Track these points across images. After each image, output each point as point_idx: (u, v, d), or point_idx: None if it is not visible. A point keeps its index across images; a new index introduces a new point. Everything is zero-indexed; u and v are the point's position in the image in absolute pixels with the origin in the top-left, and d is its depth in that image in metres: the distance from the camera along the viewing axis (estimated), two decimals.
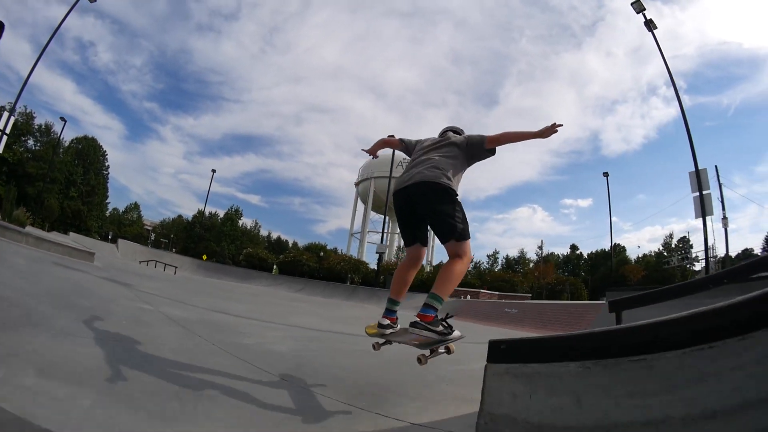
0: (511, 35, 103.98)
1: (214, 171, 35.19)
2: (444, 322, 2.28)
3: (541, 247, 51.79)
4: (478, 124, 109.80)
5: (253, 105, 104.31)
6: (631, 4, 14.35)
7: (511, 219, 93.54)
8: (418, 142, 3.06)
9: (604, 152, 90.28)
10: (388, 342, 2.57)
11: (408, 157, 2.99)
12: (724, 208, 23.05)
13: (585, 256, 55.24)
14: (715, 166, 23.49)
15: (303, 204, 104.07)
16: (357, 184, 52.39)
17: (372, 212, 49.91)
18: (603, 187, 25.43)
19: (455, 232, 2.40)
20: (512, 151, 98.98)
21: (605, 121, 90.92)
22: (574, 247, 56.79)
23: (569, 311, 10.45)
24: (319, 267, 24.82)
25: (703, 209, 11.21)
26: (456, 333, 2.31)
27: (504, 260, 52.24)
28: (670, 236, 47.73)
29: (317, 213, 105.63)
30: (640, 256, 48.73)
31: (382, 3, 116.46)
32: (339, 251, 46.06)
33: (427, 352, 2.21)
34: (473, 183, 42.32)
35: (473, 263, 50.11)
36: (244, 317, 5.54)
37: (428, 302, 2.29)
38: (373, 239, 49.65)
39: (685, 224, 79.08)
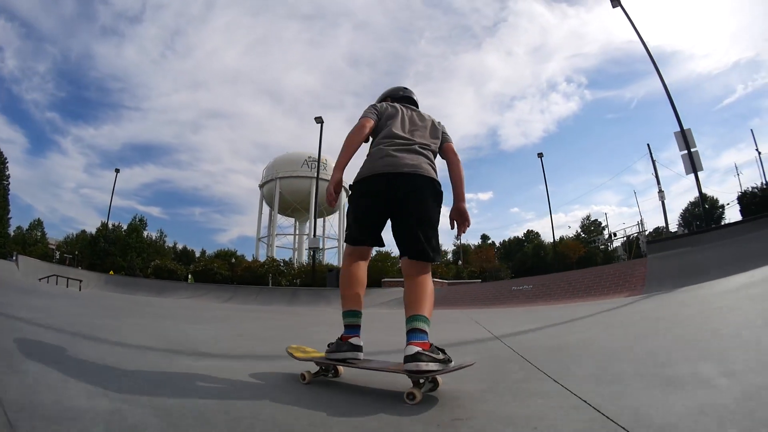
0: (411, 37, 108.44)
1: (117, 170, 30.17)
2: (439, 349, 1.82)
3: (458, 238, 53.14)
4: None
5: (152, 113, 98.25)
6: None
7: None
8: (392, 108, 2.38)
9: (503, 147, 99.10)
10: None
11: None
12: (659, 183, 24.89)
13: (497, 244, 58.29)
14: (647, 144, 25.35)
15: (203, 214, 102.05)
16: (261, 186, 49.08)
17: (279, 216, 47.49)
18: (503, 180, 26.41)
19: (435, 255, 2.06)
20: None
21: (504, 117, 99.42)
22: (485, 237, 60.20)
23: (610, 273, 9.48)
24: (232, 274, 22.22)
25: (693, 166, 11.40)
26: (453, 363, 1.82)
27: None
28: (587, 218, 52.80)
29: (218, 222, 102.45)
30: (559, 238, 52.20)
31: (285, 5, 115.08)
32: (252, 257, 43.10)
33: (416, 387, 1.67)
34: None
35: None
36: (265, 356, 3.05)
37: (420, 327, 1.83)
38: (281, 242, 47.85)
39: (588, 209, 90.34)
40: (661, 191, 23.79)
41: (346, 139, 2.20)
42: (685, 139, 11.76)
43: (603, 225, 51.48)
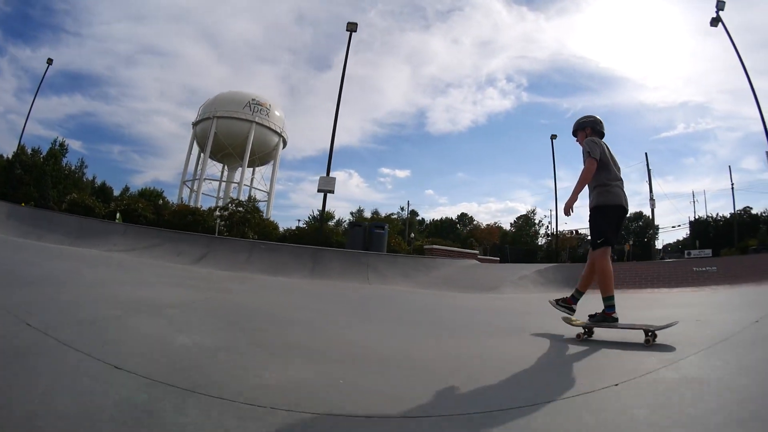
0: (363, 5, 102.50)
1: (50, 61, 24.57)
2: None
3: (404, 209, 53.85)
4: (305, 86, 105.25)
5: (90, 40, 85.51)
6: None
7: None
8: (607, 150, 3.35)
9: (429, 129, 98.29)
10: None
11: None
12: (651, 191, 25.35)
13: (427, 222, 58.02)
14: (645, 153, 25.33)
15: (122, 152, 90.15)
16: (195, 125, 41.74)
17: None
18: (423, 159, 24.61)
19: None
20: (330, 113, 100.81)
21: (435, 101, 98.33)
22: (414, 213, 58.47)
23: None
24: (158, 218, 16.97)
25: None
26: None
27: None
28: (533, 212, 53.21)
29: (135, 163, 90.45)
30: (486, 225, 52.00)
31: None
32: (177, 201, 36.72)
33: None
34: (292, 142, 40.74)
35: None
36: None
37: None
38: (205, 189, 41.41)
39: (503, 205, 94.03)
40: (652, 199, 24.56)
41: (582, 177, 3.26)
42: None
43: (539, 221, 52.89)
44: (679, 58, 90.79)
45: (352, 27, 14.92)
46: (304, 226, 27.40)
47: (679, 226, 48.53)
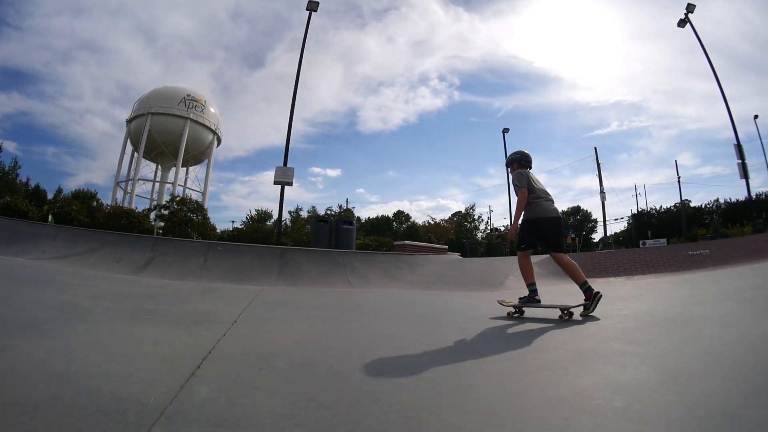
0: (299, 2, 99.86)
1: None
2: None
3: (342, 207, 50.77)
4: (238, 84, 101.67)
5: (30, 34, 76.65)
6: None
7: (257, 182, 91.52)
8: (531, 175, 4.31)
9: (360, 128, 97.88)
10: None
11: None
12: (602, 184, 26.34)
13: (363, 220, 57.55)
14: (594, 148, 26.26)
15: (56, 154, 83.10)
16: (129, 122, 39.07)
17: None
18: (354, 158, 24.52)
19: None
20: (262, 113, 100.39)
21: (367, 99, 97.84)
22: (349, 211, 57.78)
23: None
24: (92, 221, 15.18)
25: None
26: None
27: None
28: (472, 208, 54.17)
29: (69, 165, 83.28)
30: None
31: None
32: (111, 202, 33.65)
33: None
34: (223, 142, 39.09)
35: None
36: None
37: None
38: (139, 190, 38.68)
39: (434, 202, 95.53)
40: (602, 192, 25.61)
41: (518, 205, 4.14)
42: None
43: (479, 216, 54.46)
44: (612, 60, 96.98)
45: (312, 6, 13.81)
46: (242, 226, 25.71)
47: (622, 218, 52.34)
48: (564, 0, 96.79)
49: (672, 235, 30.91)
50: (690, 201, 41.59)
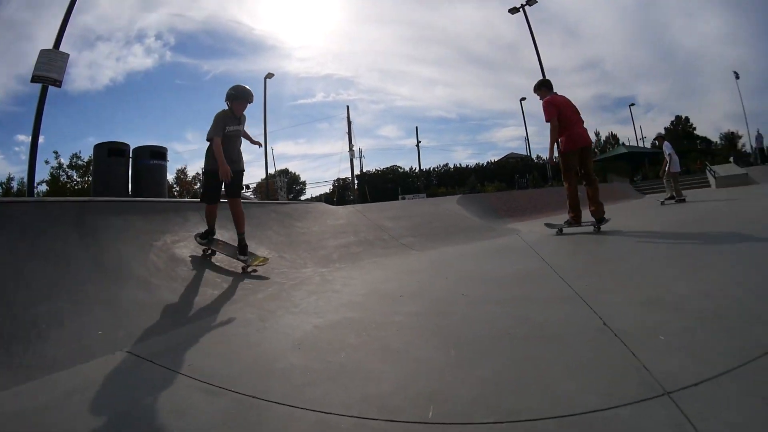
0: None
1: None
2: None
3: None
4: None
5: None
6: None
7: None
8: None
9: (68, 87, 79.47)
10: None
11: None
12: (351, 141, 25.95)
13: None
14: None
15: None
16: None
17: None
18: (57, 122, 20.07)
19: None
20: None
21: (81, 54, 77.72)
22: None
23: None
24: None
25: None
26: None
27: None
28: None
29: None
30: None
31: None
32: None
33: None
34: None
35: None
36: None
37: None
38: None
39: None
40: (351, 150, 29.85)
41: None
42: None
43: None
44: (333, 39, 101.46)
45: None
46: None
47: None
48: None
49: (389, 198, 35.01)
50: (401, 167, 46.57)
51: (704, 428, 1.02)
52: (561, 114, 4.83)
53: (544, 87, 5.17)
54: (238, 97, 3.70)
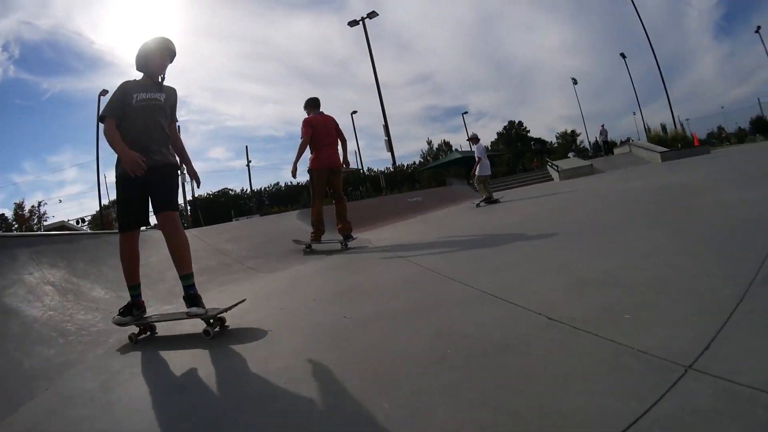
0: None
1: None
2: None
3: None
4: None
5: None
6: None
7: None
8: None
9: None
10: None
11: None
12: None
13: None
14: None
15: None
16: None
17: None
18: None
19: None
20: None
21: None
22: None
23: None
24: None
25: None
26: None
27: None
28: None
29: None
30: None
31: None
32: None
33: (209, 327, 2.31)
34: None
35: None
36: None
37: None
38: None
39: None
40: (182, 173, 25.80)
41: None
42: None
43: None
44: (182, 56, 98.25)
45: None
46: None
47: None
48: None
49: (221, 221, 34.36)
50: (233, 189, 48.99)
51: (750, 379, 0.97)
52: (315, 134, 5.14)
53: (310, 106, 5.43)
54: (157, 47, 2.58)
